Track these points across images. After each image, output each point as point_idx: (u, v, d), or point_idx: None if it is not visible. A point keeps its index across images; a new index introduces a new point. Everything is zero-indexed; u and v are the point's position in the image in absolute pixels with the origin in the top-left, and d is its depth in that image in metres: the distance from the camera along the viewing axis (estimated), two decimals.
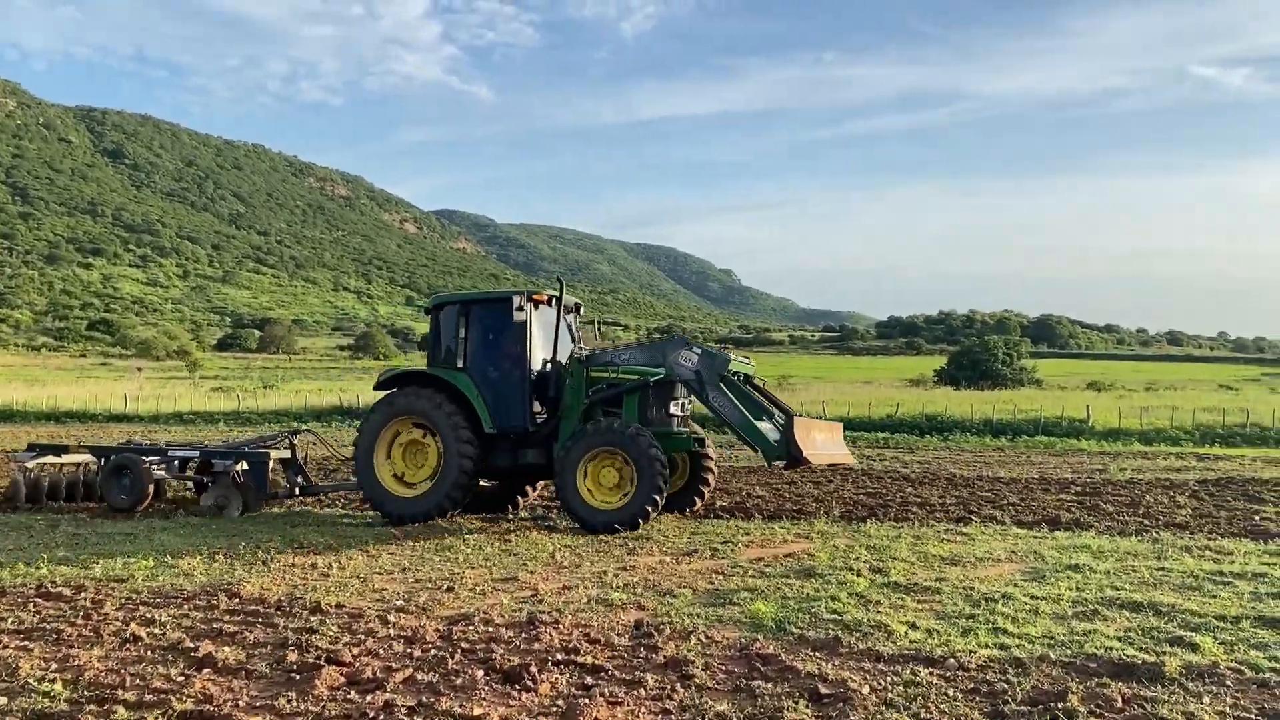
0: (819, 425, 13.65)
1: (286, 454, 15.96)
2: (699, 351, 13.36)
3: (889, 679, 6.34)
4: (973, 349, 72.00)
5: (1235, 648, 6.92)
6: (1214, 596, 8.62)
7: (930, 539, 11.95)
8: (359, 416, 41.15)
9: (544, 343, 14.04)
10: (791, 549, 11.29)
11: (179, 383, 65.02)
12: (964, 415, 34.41)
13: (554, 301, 14.28)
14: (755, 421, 12.89)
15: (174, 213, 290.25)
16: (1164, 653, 6.78)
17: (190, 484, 16.14)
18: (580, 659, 6.70)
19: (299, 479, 15.90)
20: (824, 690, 6.04)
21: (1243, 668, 6.39)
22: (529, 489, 15.65)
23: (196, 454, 16.09)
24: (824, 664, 6.65)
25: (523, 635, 7.39)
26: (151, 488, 15.35)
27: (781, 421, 13.09)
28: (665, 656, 6.79)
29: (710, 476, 14.50)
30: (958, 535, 12.35)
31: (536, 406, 13.78)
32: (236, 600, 8.72)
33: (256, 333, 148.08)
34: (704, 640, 7.22)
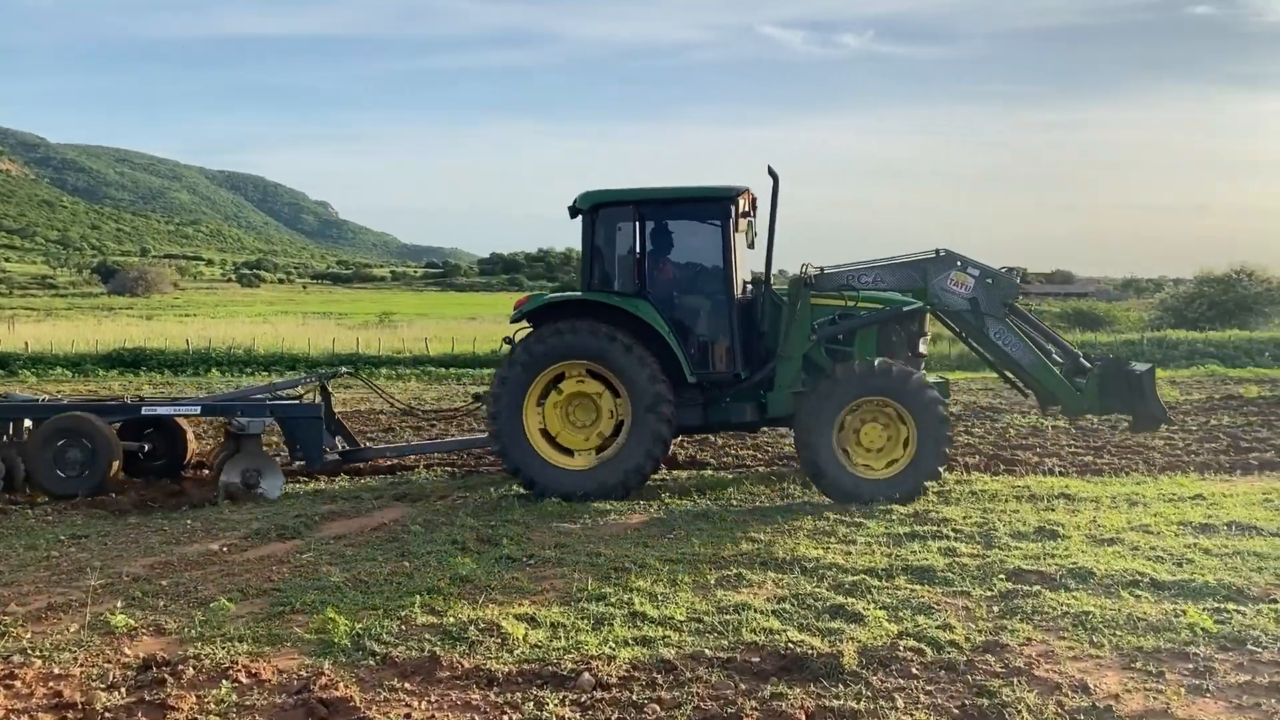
0: None
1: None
2: (976, 273, 10.17)
3: (506, 717, 4.60)
4: (573, 285, 73.07)
5: (901, 615, 5.94)
6: (853, 543, 7.81)
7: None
8: None
9: (743, 260, 10.62)
10: (384, 519, 9.26)
11: None
12: None
13: (753, 206, 10.70)
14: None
15: None
16: (831, 632, 5.63)
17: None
18: None
19: (338, 440, 11.37)
20: None
21: (922, 646, 5.33)
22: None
23: (197, 409, 11.28)
24: (415, 704, 4.76)
25: None
26: (118, 464, 10.59)
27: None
28: None
29: None
30: None
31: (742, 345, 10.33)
32: None
33: None
34: (243, 681, 5.02)
